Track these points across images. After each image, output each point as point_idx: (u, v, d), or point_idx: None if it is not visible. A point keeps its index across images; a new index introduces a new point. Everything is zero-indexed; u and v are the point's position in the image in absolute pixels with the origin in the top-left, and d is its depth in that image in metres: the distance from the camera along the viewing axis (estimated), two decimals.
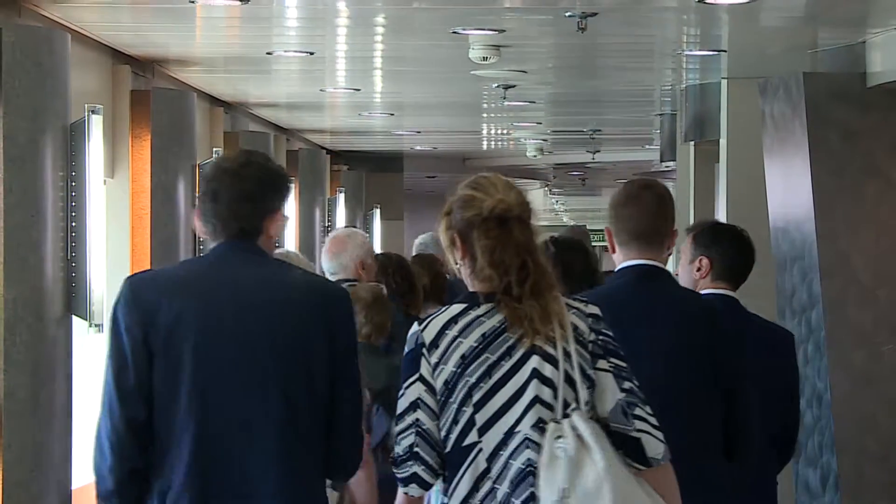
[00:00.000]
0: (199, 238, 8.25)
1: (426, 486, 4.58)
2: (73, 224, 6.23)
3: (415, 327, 4.65)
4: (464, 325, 4.60)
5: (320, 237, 9.91)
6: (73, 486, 6.31)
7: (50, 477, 6.02)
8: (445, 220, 4.64)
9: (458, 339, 4.58)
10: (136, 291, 4.83)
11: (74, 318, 6.27)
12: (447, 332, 4.59)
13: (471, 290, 4.68)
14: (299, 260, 7.09)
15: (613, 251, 5.47)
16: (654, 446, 4.54)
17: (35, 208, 5.91)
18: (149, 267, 7.52)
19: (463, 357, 4.56)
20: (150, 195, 7.73)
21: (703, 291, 6.02)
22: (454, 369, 4.56)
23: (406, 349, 4.63)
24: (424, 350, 4.58)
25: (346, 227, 8.78)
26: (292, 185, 5.00)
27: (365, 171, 14.73)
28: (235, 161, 4.94)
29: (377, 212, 15.21)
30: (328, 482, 5.33)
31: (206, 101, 9.30)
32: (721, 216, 8.55)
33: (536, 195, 18.57)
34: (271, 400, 4.72)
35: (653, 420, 4.57)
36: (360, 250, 7.57)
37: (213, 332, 4.75)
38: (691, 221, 9.56)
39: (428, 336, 4.59)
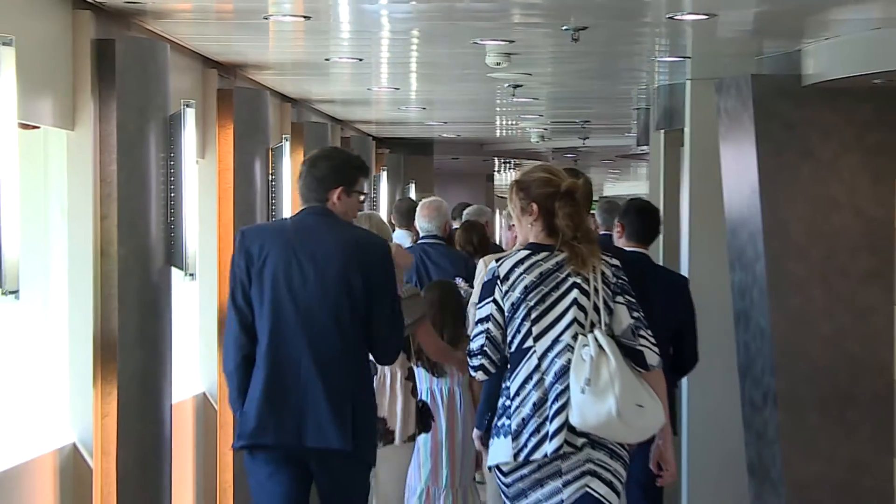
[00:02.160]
0: (271, 205, 8.33)
1: (488, 374, 5.30)
2: (172, 195, 6.26)
3: (493, 264, 5.35)
4: (528, 266, 5.24)
5: (368, 206, 9.95)
6: (173, 402, 6.31)
7: (154, 394, 6.07)
8: (522, 193, 5.34)
9: (523, 275, 5.25)
10: (243, 238, 5.57)
11: (173, 269, 6.29)
12: (516, 269, 5.23)
13: (532, 241, 5.33)
14: (376, 219, 7.59)
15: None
16: (651, 357, 5.25)
17: (142, 182, 5.94)
18: (231, 229, 7.58)
19: (526, 287, 5.23)
20: (232, 173, 7.75)
21: (626, 249, 6.55)
22: (519, 296, 5.23)
23: (485, 278, 5.34)
24: (499, 281, 5.24)
25: (433, 197, 8.80)
26: (359, 171, 5.64)
27: (403, 154, 14.73)
28: (313, 155, 5.78)
29: (412, 186, 15.24)
30: None
31: (277, 97, 9.31)
32: (685, 190, 8.52)
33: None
34: (326, 316, 5.39)
35: (652, 339, 5.26)
36: (445, 217, 8.13)
37: (285, 267, 5.41)
38: (662, 193, 9.57)
39: (502, 271, 5.24)
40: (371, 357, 5.61)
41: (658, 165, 9.59)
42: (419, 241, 8.54)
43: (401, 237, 9.27)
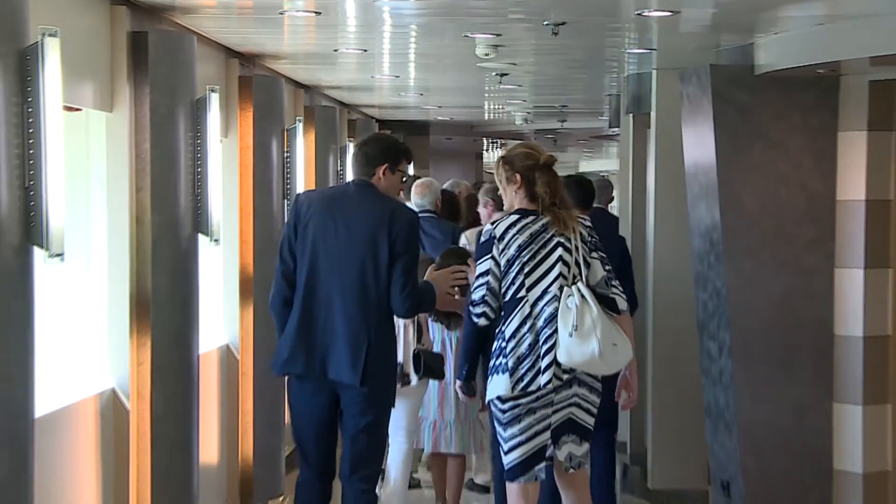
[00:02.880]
0: (286, 179, 8.33)
1: (489, 320, 5.59)
2: (199, 170, 6.27)
3: (489, 227, 5.66)
4: (519, 228, 5.54)
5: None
6: (200, 352, 6.35)
7: (183, 345, 6.09)
8: (507, 166, 5.67)
9: (516, 236, 5.54)
10: (296, 200, 5.87)
11: (200, 236, 6.31)
12: (509, 231, 5.53)
13: (518, 207, 5.63)
14: (433, 184, 8.47)
15: None
16: (621, 303, 5.60)
17: (172, 159, 5.94)
18: (251, 212, 7.73)
19: (519, 246, 5.52)
20: (252, 151, 7.76)
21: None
22: (514, 253, 5.52)
23: (483, 239, 5.62)
24: (496, 241, 5.54)
25: (425, 178, 8.84)
26: (403, 154, 5.93)
27: (402, 134, 14.69)
28: (366, 137, 6.12)
29: (410, 164, 15.24)
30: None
31: (291, 84, 9.30)
32: (651, 167, 8.52)
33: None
34: (353, 270, 5.56)
35: (620, 288, 5.63)
36: (436, 193, 8.21)
37: (324, 227, 5.62)
38: (631, 170, 9.57)
39: (498, 232, 5.54)
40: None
41: (627, 145, 9.60)
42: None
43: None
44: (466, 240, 7.59)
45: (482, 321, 5.58)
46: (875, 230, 6.99)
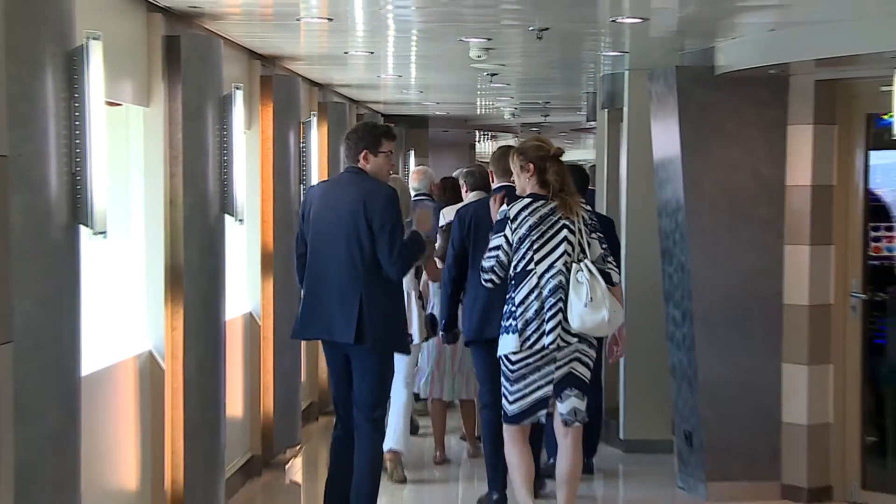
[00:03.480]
0: (302, 167, 8.35)
1: (495, 285, 5.77)
2: (225, 158, 6.27)
3: (504, 207, 5.78)
4: (531, 210, 5.68)
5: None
6: (226, 319, 6.36)
7: (212, 312, 6.10)
8: (522, 156, 5.78)
9: (528, 217, 5.68)
10: (307, 191, 6.37)
11: (226, 216, 6.31)
12: (522, 213, 5.67)
13: (530, 192, 5.75)
14: (427, 171, 8.74)
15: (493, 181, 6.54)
16: (616, 276, 5.79)
17: (201, 148, 5.94)
18: (272, 195, 7.76)
19: (530, 226, 5.66)
20: (272, 142, 7.76)
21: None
22: (525, 232, 5.65)
23: (498, 218, 5.78)
24: (509, 221, 5.68)
25: (420, 165, 8.86)
26: (382, 136, 5.88)
27: (405, 127, 14.67)
28: (347, 131, 6.07)
29: (412, 152, 15.20)
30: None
31: (307, 83, 9.27)
32: (623, 156, 8.50)
33: (510, 142, 18.51)
34: (341, 246, 5.67)
35: (614, 264, 5.84)
36: (430, 178, 8.23)
37: (321, 209, 5.77)
38: (606, 158, 9.55)
39: (512, 213, 5.69)
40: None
41: (603, 137, 9.59)
42: (413, 198, 8.56)
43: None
44: (443, 216, 7.63)
45: (489, 285, 5.80)
46: (819, 212, 7.01)
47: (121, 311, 5.73)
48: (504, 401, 5.71)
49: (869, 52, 6.05)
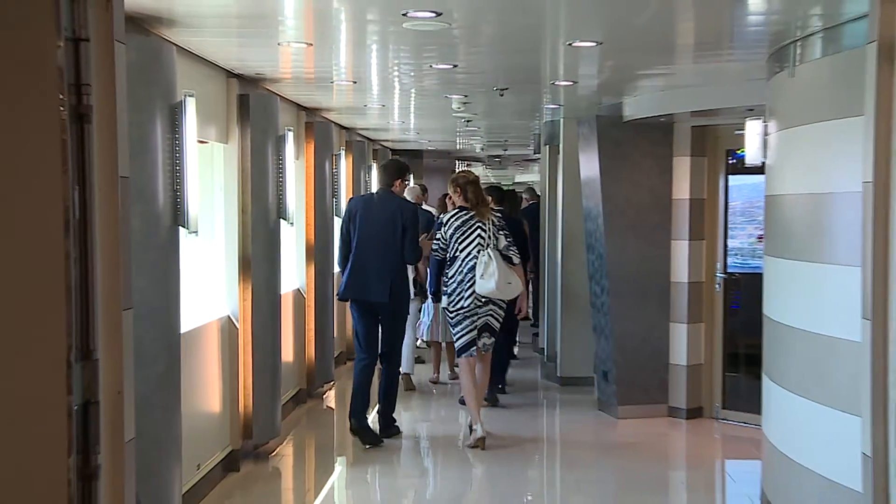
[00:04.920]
0: (334, 186, 8.34)
1: (440, 258, 6.23)
2: (280, 180, 6.28)
3: (442, 216, 6.33)
4: (458, 217, 6.15)
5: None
6: (281, 292, 6.35)
7: (271, 288, 6.09)
8: (453, 183, 6.27)
9: (454, 222, 6.17)
10: (349, 201, 6.47)
11: (282, 221, 6.31)
12: (452, 219, 6.18)
13: (459, 205, 6.17)
14: (415, 188, 8.44)
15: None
16: (515, 258, 6.13)
17: (264, 172, 5.95)
18: (313, 206, 7.70)
19: (456, 227, 6.14)
20: (314, 169, 7.75)
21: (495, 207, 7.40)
22: (452, 231, 6.16)
23: (437, 223, 6.35)
24: (443, 225, 6.21)
25: (412, 185, 8.82)
26: (407, 171, 6.44)
27: (407, 157, 14.55)
28: (385, 163, 6.44)
29: (411, 176, 15.08)
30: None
31: (338, 127, 9.19)
32: (560, 178, 8.47)
33: (479, 169, 18.48)
34: (381, 240, 6.09)
35: (515, 250, 6.15)
36: (416, 193, 8.37)
37: (365, 218, 6.14)
38: (547, 181, 9.58)
39: (444, 219, 6.24)
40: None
41: (545, 165, 9.64)
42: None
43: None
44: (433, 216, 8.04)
45: (438, 257, 6.26)
46: (694, 217, 7.08)
47: (208, 288, 5.76)
48: (455, 341, 6.25)
49: (726, 107, 6.15)
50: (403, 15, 4.07)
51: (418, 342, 8.55)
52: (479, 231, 6.09)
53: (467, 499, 5.45)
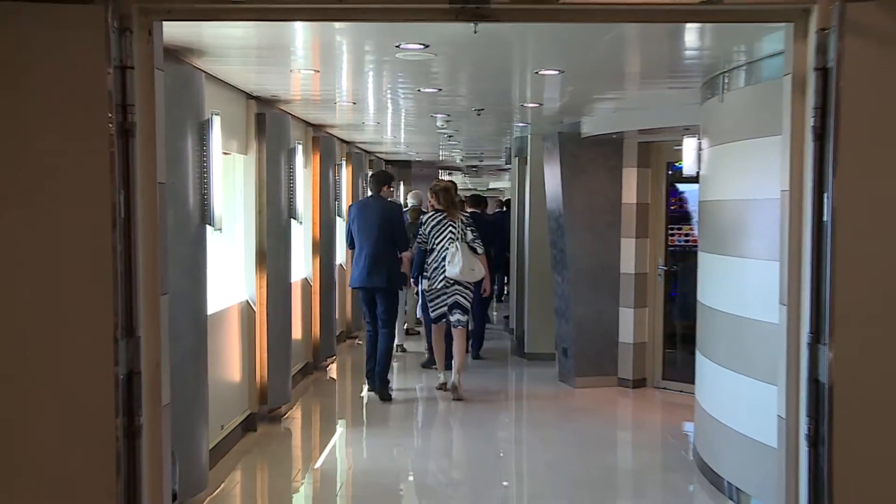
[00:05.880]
0: (336, 191, 8.29)
1: (423, 248, 6.42)
2: (291, 185, 6.26)
3: (422, 217, 6.47)
4: (435, 217, 6.35)
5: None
6: (291, 281, 6.33)
7: (283, 277, 6.06)
8: (431, 191, 6.51)
9: (430, 221, 6.38)
10: (350, 207, 6.58)
11: (292, 220, 6.28)
12: (428, 220, 6.40)
13: (435, 208, 6.36)
14: (419, 193, 8.56)
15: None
16: (479, 248, 6.39)
17: (277, 180, 5.92)
18: (318, 207, 7.63)
19: (432, 226, 6.38)
20: (319, 177, 7.70)
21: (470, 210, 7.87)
22: (429, 230, 6.39)
23: (419, 223, 6.51)
24: (422, 224, 6.43)
25: (416, 191, 8.83)
26: (392, 179, 6.60)
27: (398, 167, 14.55)
28: (374, 173, 6.62)
29: (402, 182, 15.06)
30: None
31: (339, 141, 9.11)
32: (527, 187, 8.42)
33: (459, 178, 18.40)
34: (377, 236, 6.33)
35: (479, 242, 6.39)
36: (419, 198, 8.26)
37: (364, 218, 6.34)
38: (517, 189, 9.52)
39: (423, 220, 6.45)
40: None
41: (515, 174, 9.61)
42: (406, 209, 8.57)
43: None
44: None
45: (421, 248, 6.47)
46: (640, 219, 7.11)
47: (230, 277, 5.74)
48: (431, 312, 6.56)
49: (667, 126, 6.19)
50: (396, 47, 4.11)
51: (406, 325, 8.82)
52: (450, 228, 6.39)
53: (447, 454, 5.48)
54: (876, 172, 2.45)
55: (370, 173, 6.67)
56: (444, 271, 6.38)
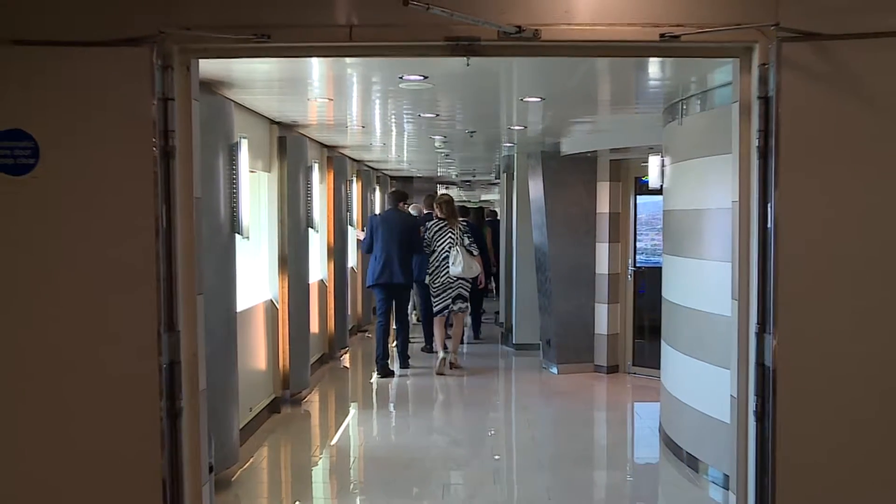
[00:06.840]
0: (347, 204, 8.29)
1: (428, 251, 6.69)
2: (309, 199, 6.27)
3: (427, 224, 6.76)
4: (437, 224, 6.61)
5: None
6: (309, 282, 6.36)
7: (302, 278, 6.07)
8: (437, 203, 6.70)
9: (434, 228, 6.65)
10: (372, 217, 6.73)
11: (310, 229, 6.31)
12: (432, 226, 6.65)
13: (438, 217, 6.59)
14: (418, 205, 8.75)
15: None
16: (475, 250, 6.65)
17: (297, 194, 5.93)
18: (332, 218, 7.60)
19: (434, 232, 6.64)
20: (332, 191, 7.68)
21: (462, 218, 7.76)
22: (432, 235, 6.66)
23: (424, 228, 6.73)
24: (427, 231, 6.65)
25: (415, 203, 8.85)
26: (406, 196, 6.87)
27: (402, 182, 14.46)
28: (392, 191, 6.88)
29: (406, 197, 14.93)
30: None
31: (350, 160, 9.10)
32: (514, 198, 8.33)
33: (454, 191, 18.39)
34: (398, 243, 6.51)
35: (475, 246, 6.67)
36: (418, 210, 8.43)
37: (387, 227, 6.51)
38: (505, 200, 9.49)
39: (428, 226, 6.68)
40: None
41: (503, 188, 9.57)
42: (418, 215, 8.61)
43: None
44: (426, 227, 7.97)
45: (426, 251, 6.77)
46: (613, 226, 7.12)
47: (257, 278, 5.74)
48: (435, 306, 6.77)
49: (635, 146, 6.22)
50: (400, 78, 4.16)
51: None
52: (450, 234, 6.70)
53: (444, 431, 5.51)
54: (811, 186, 2.54)
55: (390, 191, 6.98)
56: (447, 270, 6.67)
